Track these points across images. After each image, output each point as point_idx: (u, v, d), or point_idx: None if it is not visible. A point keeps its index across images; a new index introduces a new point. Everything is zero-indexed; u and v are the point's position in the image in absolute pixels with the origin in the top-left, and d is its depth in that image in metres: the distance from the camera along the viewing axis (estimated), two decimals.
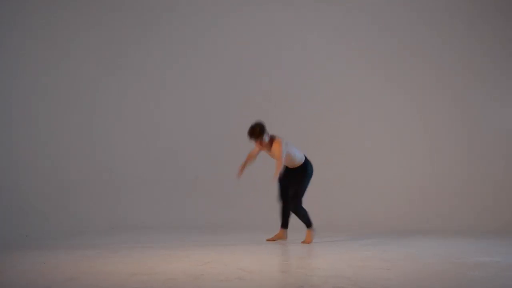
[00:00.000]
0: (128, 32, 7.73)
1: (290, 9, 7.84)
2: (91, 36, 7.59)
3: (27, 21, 7.28)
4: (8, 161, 6.95)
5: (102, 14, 7.65)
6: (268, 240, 5.48)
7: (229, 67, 7.80)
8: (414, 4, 7.69)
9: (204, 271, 3.68)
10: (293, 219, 5.51)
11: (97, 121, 7.61)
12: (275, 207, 5.76)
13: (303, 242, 5.28)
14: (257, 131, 5.32)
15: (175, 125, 7.76)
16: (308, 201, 7.46)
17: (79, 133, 7.50)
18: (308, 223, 5.37)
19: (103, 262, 4.13)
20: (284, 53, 7.84)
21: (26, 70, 7.30)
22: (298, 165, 5.43)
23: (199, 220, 7.16)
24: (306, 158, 5.50)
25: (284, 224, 5.52)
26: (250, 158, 5.52)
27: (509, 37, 7.47)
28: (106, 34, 7.65)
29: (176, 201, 7.47)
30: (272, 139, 5.38)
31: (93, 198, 7.26)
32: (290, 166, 5.43)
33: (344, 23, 7.76)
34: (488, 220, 6.70)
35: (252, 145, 5.55)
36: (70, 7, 7.52)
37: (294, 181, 5.38)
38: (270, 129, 7.74)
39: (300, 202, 5.37)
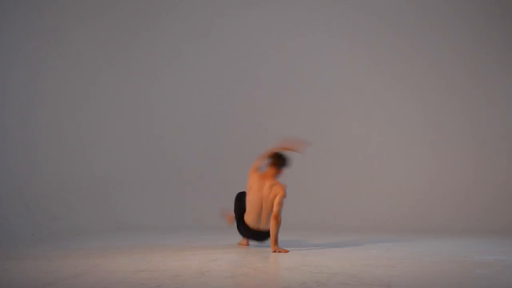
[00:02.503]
0: (128, 30, 7.75)
1: (292, 10, 7.87)
2: (90, 35, 7.57)
3: (21, 19, 7.17)
4: (14, 161, 6.98)
5: (98, 12, 7.64)
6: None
7: (232, 66, 7.83)
8: (419, 5, 7.70)
9: (209, 268, 3.70)
10: None
11: (102, 122, 7.64)
12: None
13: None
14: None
15: (179, 126, 7.79)
16: (313, 201, 7.49)
17: (85, 133, 7.53)
18: None
19: (108, 259, 4.15)
20: (287, 54, 7.86)
21: (28, 72, 7.30)
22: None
23: (203, 220, 7.18)
24: None
25: None
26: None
27: None
28: (107, 33, 7.65)
29: (180, 201, 7.50)
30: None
31: (98, 198, 7.28)
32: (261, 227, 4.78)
33: (348, 24, 7.78)
34: (492, 220, 6.70)
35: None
36: (67, 5, 7.50)
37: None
38: (274, 129, 7.82)
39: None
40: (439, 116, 7.55)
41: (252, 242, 5.02)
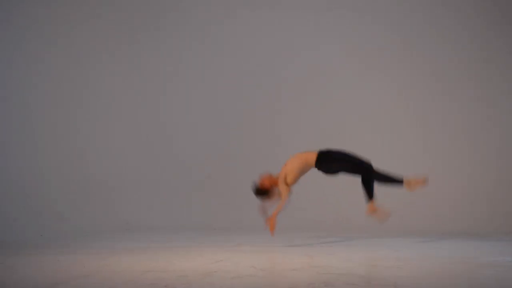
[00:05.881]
0: (133, 29, 7.78)
1: (301, 13, 7.87)
2: (92, 34, 7.59)
3: (21, 19, 7.15)
4: (23, 163, 7.02)
5: (100, 11, 7.65)
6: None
7: (239, 66, 7.84)
8: (417, 6, 7.68)
9: (216, 269, 3.70)
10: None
11: (109, 122, 7.68)
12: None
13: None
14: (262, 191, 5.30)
15: (186, 126, 7.82)
16: (319, 201, 7.47)
17: (92, 134, 7.57)
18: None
19: (116, 260, 4.17)
20: (296, 55, 7.87)
21: (31, 72, 7.32)
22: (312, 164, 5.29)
23: (210, 220, 7.19)
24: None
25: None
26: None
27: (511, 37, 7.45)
28: (109, 33, 7.67)
29: (187, 202, 7.52)
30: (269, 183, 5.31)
31: (106, 198, 7.32)
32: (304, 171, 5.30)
33: (349, 26, 7.79)
34: (498, 221, 6.66)
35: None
36: (66, 4, 7.50)
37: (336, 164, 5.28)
38: (280, 129, 7.81)
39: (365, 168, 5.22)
40: (439, 117, 7.53)
41: None
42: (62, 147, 7.35)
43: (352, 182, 7.43)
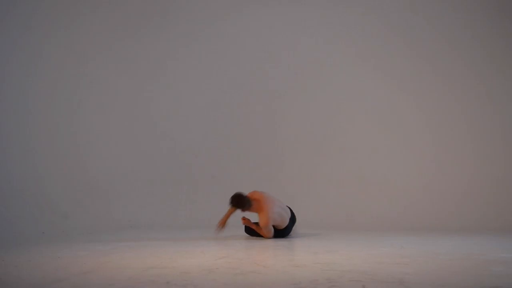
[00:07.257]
0: (132, 27, 7.76)
1: (300, 10, 7.84)
2: (90, 33, 7.55)
3: (19, 16, 7.06)
4: (26, 160, 7.01)
5: (98, 8, 7.62)
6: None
7: (241, 66, 7.81)
8: (418, 6, 7.64)
9: (219, 265, 3.66)
10: None
11: (110, 123, 7.66)
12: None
13: None
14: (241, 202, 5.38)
15: (185, 127, 7.81)
16: (324, 201, 7.45)
17: (97, 133, 7.55)
18: None
19: (118, 256, 4.14)
20: (297, 55, 7.85)
21: (39, 73, 7.31)
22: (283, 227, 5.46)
23: (210, 220, 7.16)
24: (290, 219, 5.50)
25: None
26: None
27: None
28: (107, 32, 7.64)
29: (187, 202, 7.49)
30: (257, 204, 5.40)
31: (108, 197, 7.30)
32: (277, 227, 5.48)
33: (354, 26, 7.76)
34: (503, 218, 6.62)
35: None
36: (65, 4, 7.46)
37: None
38: (278, 128, 7.79)
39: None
40: (441, 116, 7.50)
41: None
42: (63, 145, 7.34)
43: (355, 180, 7.41)
